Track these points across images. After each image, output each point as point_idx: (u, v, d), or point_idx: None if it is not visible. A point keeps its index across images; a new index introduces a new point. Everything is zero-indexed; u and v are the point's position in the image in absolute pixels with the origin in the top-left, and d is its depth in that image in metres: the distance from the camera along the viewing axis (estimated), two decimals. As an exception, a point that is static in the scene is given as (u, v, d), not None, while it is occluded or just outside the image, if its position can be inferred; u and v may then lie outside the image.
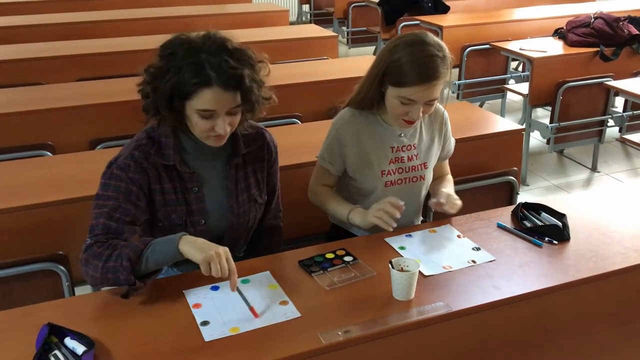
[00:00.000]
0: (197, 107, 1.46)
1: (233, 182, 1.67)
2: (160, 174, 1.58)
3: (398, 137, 1.89)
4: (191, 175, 1.61)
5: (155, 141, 1.58)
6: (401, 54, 1.70)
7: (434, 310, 1.47)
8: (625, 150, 4.58)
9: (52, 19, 4.74)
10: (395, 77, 1.71)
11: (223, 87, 1.43)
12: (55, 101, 2.90)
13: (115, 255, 1.46)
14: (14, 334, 1.39)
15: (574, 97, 3.84)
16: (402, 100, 1.73)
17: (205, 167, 1.64)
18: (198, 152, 1.62)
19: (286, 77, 3.29)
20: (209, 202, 1.65)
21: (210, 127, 1.50)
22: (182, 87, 1.45)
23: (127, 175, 1.54)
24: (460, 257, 1.70)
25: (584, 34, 4.11)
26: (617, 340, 1.77)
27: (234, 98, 1.47)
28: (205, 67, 1.42)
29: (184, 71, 1.43)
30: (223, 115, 1.48)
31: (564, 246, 1.75)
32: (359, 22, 6.46)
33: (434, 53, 1.69)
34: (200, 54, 1.44)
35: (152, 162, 1.56)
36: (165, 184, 1.59)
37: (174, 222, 1.62)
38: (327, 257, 1.69)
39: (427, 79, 1.68)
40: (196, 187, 1.62)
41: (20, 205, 1.94)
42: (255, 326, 1.41)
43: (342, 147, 1.87)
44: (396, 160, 1.89)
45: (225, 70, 1.42)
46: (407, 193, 1.92)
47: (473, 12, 5.59)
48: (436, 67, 1.69)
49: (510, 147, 2.61)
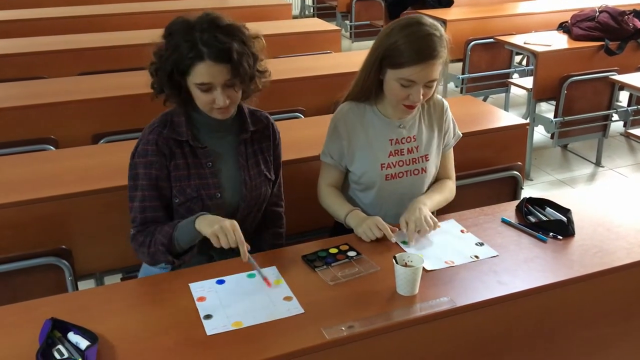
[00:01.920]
0: (194, 81, 1.57)
1: (244, 157, 1.75)
2: (173, 150, 1.67)
3: (397, 128, 1.88)
4: (204, 150, 1.69)
5: (168, 121, 1.68)
6: (398, 36, 1.71)
7: (438, 305, 1.46)
8: (629, 144, 4.56)
9: (55, 13, 4.74)
10: (394, 59, 1.72)
11: (214, 60, 1.53)
12: (58, 95, 2.90)
13: (153, 241, 1.64)
14: (18, 328, 1.39)
15: (578, 91, 3.82)
16: (402, 82, 1.73)
17: (217, 143, 1.72)
18: (209, 129, 1.70)
19: (289, 71, 3.28)
20: (223, 176, 1.72)
21: (211, 99, 1.59)
22: (179, 63, 1.56)
23: (147, 159, 1.65)
24: (463, 252, 1.69)
25: (588, 28, 4.08)
26: (621, 335, 1.77)
27: (226, 70, 1.56)
28: (197, 43, 1.54)
29: (180, 48, 1.55)
30: (220, 87, 1.57)
31: (569, 241, 1.74)
32: (362, 16, 6.44)
33: (431, 32, 1.71)
34: (193, 32, 1.55)
35: (165, 139, 1.65)
36: (179, 160, 1.67)
37: (189, 196, 1.67)
38: (330, 252, 1.68)
39: (425, 58, 1.69)
40: (210, 162, 1.70)
41: (23, 199, 1.94)
42: (258, 321, 1.40)
43: (342, 141, 1.87)
44: (396, 152, 1.88)
45: (215, 44, 1.53)
46: (408, 186, 1.91)
47: (477, 6, 5.56)
48: (434, 45, 1.70)
49: (514, 141, 2.59)
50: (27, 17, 4.58)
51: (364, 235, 1.74)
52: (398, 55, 1.71)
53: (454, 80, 4.80)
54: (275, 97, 3.02)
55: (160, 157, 1.65)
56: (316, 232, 2.16)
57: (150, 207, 1.66)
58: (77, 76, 3.32)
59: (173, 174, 1.67)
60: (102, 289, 1.79)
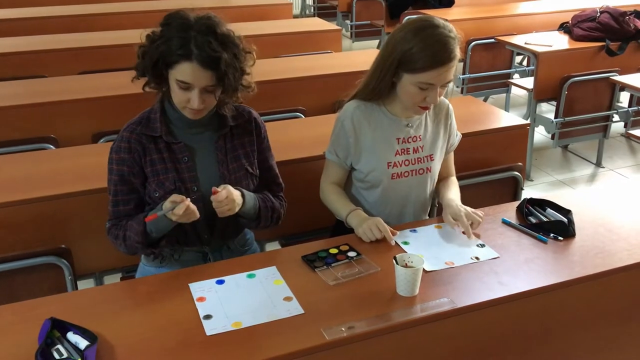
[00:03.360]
0: (176, 77, 1.58)
1: (223, 152, 1.74)
2: (147, 146, 1.68)
3: (404, 127, 1.88)
4: (179, 145, 1.70)
5: (144, 118, 1.71)
6: (414, 42, 1.71)
7: (438, 306, 1.46)
8: (630, 145, 4.55)
9: (55, 12, 4.73)
10: (411, 64, 1.72)
11: (201, 64, 1.55)
12: (58, 94, 2.89)
13: (127, 236, 1.67)
14: (17, 327, 1.39)
15: (579, 92, 3.81)
16: (420, 85, 1.74)
17: (193, 139, 1.73)
18: (185, 125, 1.71)
19: (289, 70, 3.28)
20: (200, 171, 1.72)
21: (186, 98, 1.60)
22: (167, 55, 1.57)
23: (119, 156, 1.68)
24: (463, 253, 1.69)
25: (589, 29, 4.08)
26: (622, 336, 1.76)
27: (210, 77, 1.57)
28: (190, 42, 1.55)
29: (172, 41, 1.56)
30: (198, 90, 1.58)
31: (570, 242, 1.74)
32: (363, 16, 6.43)
33: (446, 34, 1.72)
34: (190, 31, 1.56)
35: (138, 135, 1.67)
36: (153, 155, 1.68)
37: (168, 189, 1.68)
38: (330, 253, 1.68)
39: (443, 62, 1.70)
40: (186, 157, 1.70)
41: (23, 198, 1.94)
42: (258, 321, 1.40)
43: (348, 139, 1.86)
44: (402, 151, 1.88)
45: (206, 50, 1.54)
46: (414, 185, 1.91)
47: (478, 6, 5.55)
48: (451, 48, 1.71)
49: (514, 142, 2.59)
50: (27, 16, 4.57)
51: (364, 236, 1.74)
52: (416, 61, 1.70)
53: (454, 80, 4.77)
54: (276, 96, 3.03)
55: (131, 154, 1.67)
56: (316, 232, 2.15)
57: (122, 201, 1.70)
58: (77, 75, 3.32)
59: (150, 169, 1.68)
60: (101, 288, 1.79)
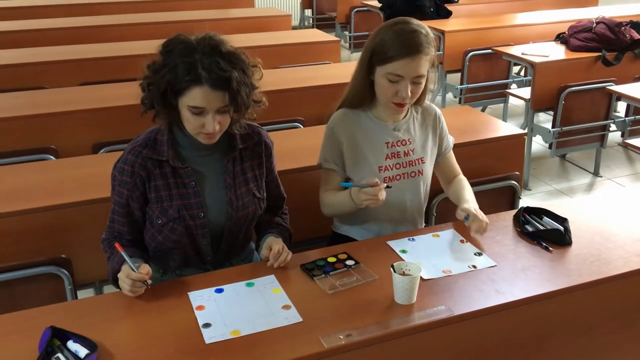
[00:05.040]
0: (188, 103, 1.54)
1: (231, 176, 1.71)
2: (152, 172, 1.64)
3: (392, 131, 1.91)
4: (186, 170, 1.66)
5: (151, 139, 1.66)
6: (385, 34, 1.78)
7: (436, 314, 1.47)
8: (627, 154, 4.57)
9: (56, 24, 4.76)
10: (381, 55, 1.77)
11: (212, 86, 1.51)
12: (59, 105, 2.91)
13: (111, 259, 1.65)
14: (17, 336, 1.40)
15: (576, 101, 3.83)
16: (389, 77, 1.77)
17: (201, 163, 1.69)
18: (193, 148, 1.67)
19: (288, 81, 3.30)
20: (207, 196, 1.69)
21: (200, 124, 1.57)
22: (175, 83, 1.53)
23: (122, 178, 1.65)
24: (461, 261, 1.70)
25: (586, 39, 4.11)
26: (619, 344, 1.77)
27: (222, 98, 1.54)
28: (197, 66, 1.51)
29: (178, 68, 1.52)
30: (212, 113, 1.55)
31: (566, 250, 1.75)
32: (361, 27, 6.46)
33: (416, 29, 1.78)
34: (194, 54, 1.52)
35: (144, 159, 1.63)
36: (158, 181, 1.65)
37: (171, 217, 1.65)
38: (329, 261, 1.69)
39: (411, 51, 1.75)
40: (193, 182, 1.67)
41: (23, 209, 1.95)
42: (257, 329, 1.41)
43: (339, 145, 1.89)
44: (392, 155, 1.91)
45: (215, 71, 1.51)
46: (407, 189, 1.93)
47: (475, 17, 5.59)
48: (419, 40, 1.76)
49: (512, 151, 2.61)
50: (28, 28, 4.60)
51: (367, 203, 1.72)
52: (385, 51, 1.76)
53: (452, 91, 4.82)
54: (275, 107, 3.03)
55: (134, 179, 1.63)
56: (314, 241, 2.16)
57: (118, 221, 1.69)
58: (77, 86, 3.34)
59: (153, 195, 1.64)
60: (101, 297, 1.80)
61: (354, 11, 6.44)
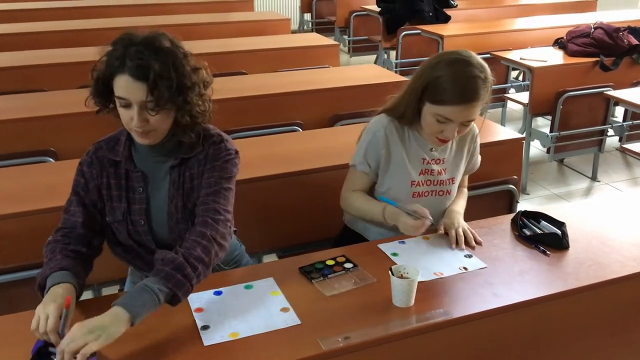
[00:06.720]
0: (116, 93, 1.53)
1: (175, 186, 1.63)
2: (107, 169, 1.64)
3: (429, 150, 1.89)
4: (137, 174, 1.63)
5: (114, 139, 1.67)
6: (443, 71, 1.69)
7: (434, 317, 1.47)
8: (625, 159, 4.58)
9: (55, 27, 4.77)
10: (434, 94, 1.71)
11: (132, 76, 1.47)
12: (58, 107, 2.92)
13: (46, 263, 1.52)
14: (15, 338, 1.40)
15: (574, 106, 3.85)
16: (438, 118, 1.73)
17: (154, 168, 1.65)
18: (147, 152, 1.63)
19: (287, 85, 3.31)
20: (152, 204, 1.65)
21: (129, 118, 1.53)
22: (106, 71, 1.53)
23: (81, 168, 1.65)
24: (451, 263, 1.71)
25: (584, 44, 4.13)
26: (616, 348, 1.78)
27: (143, 90, 1.48)
28: (125, 55, 1.49)
29: (110, 57, 1.52)
30: (137, 107, 1.50)
31: (564, 254, 1.76)
32: (360, 31, 6.48)
33: (476, 74, 1.69)
34: (131, 47, 1.50)
35: (102, 156, 1.64)
36: (111, 179, 1.64)
37: (116, 219, 1.64)
38: (327, 264, 1.69)
39: (466, 100, 1.68)
40: (141, 188, 1.63)
41: (22, 211, 1.95)
42: (255, 332, 1.41)
43: (380, 150, 1.86)
44: (426, 172, 1.90)
45: (136, 60, 1.47)
46: (433, 206, 1.91)
47: (474, 22, 5.61)
48: (477, 88, 1.69)
49: (510, 155, 2.61)
50: (28, 31, 4.61)
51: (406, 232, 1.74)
52: (440, 92, 1.70)
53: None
54: (274, 110, 3.06)
55: (91, 169, 1.63)
56: (313, 244, 2.16)
57: (73, 212, 1.62)
58: (77, 89, 3.34)
59: (105, 192, 1.63)
60: (99, 299, 1.80)
61: (353, 15, 6.46)
